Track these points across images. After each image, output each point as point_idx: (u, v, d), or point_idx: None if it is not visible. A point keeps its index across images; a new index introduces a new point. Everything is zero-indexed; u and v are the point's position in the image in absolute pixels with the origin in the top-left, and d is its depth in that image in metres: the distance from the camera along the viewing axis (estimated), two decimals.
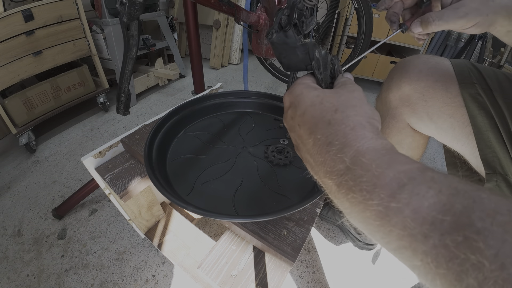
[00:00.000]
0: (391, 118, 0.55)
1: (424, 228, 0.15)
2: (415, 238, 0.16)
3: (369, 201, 0.18)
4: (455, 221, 0.15)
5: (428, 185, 0.17)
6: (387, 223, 0.17)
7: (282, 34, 0.29)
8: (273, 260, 0.44)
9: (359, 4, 1.14)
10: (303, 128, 0.24)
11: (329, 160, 0.21)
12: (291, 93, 0.27)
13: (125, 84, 0.53)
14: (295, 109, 0.26)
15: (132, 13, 0.45)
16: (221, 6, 0.70)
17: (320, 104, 0.24)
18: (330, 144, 0.21)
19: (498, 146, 0.38)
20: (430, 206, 0.16)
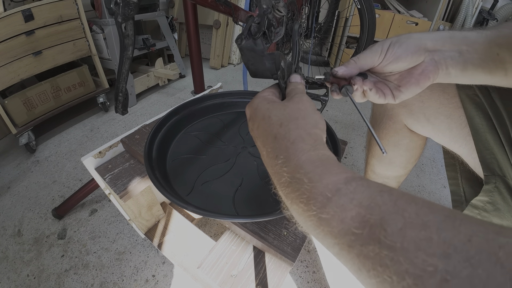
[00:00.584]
0: (387, 119, 0.55)
1: (348, 239, 0.17)
2: (342, 247, 0.17)
3: (307, 212, 0.19)
4: (371, 233, 0.16)
5: (351, 197, 0.18)
6: (321, 232, 0.18)
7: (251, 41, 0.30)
8: (273, 260, 0.44)
9: (361, 5, 1.14)
10: (258, 140, 0.26)
11: (276, 173, 0.23)
12: (250, 106, 0.29)
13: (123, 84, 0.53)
14: (253, 122, 0.28)
15: (126, 13, 0.45)
16: (219, 6, 0.70)
17: (268, 119, 0.25)
18: (277, 157, 0.23)
19: (497, 147, 0.38)
20: (353, 218, 0.17)
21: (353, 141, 1.30)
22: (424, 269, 0.13)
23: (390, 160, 0.61)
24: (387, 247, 0.14)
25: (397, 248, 0.14)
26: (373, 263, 0.15)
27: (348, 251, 0.17)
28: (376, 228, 0.15)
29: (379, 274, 0.14)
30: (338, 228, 0.17)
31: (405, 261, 0.13)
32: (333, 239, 0.18)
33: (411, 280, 0.13)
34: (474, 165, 0.42)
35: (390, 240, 0.15)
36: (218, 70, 2.12)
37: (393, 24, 1.77)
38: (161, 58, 1.75)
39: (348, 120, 1.47)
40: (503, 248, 0.12)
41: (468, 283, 0.12)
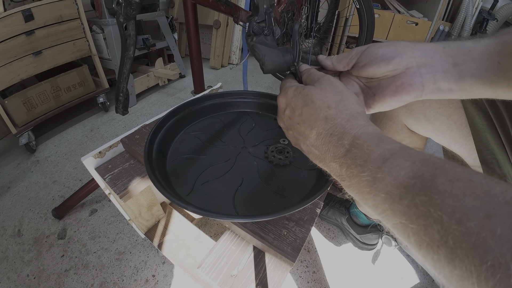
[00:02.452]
0: (388, 119, 0.55)
1: (400, 191, 0.19)
2: (394, 200, 0.19)
3: (361, 174, 0.22)
4: (423, 184, 0.18)
5: (405, 158, 0.20)
6: (374, 189, 0.21)
7: (263, 37, 0.31)
8: (273, 260, 0.44)
9: (360, 5, 1.14)
10: (304, 125, 0.28)
11: (332, 147, 0.25)
12: (286, 95, 0.30)
13: (123, 84, 0.53)
14: (292, 110, 0.29)
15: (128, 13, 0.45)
16: (219, 6, 0.70)
17: (312, 103, 0.27)
18: (332, 135, 0.25)
19: (497, 147, 0.38)
20: (406, 174, 0.19)
21: None
22: (469, 208, 0.15)
23: None
24: (437, 193, 0.17)
25: (446, 193, 0.17)
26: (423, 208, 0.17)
27: (399, 203, 0.19)
28: (428, 181, 0.18)
29: (429, 216, 0.17)
30: (391, 183, 0.19)
31: (454, 203, 0.16)
32: (385, 194, 0.20)
33: (459, 215, 0.15)
34: (474, 165, 0.42)
35: (440, 188, 0.17)
36: (218, 70, 2.12)
37: (393, 24, 1.77)
38: (161, 58, 1.75)
39: None
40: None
41: (507, 217, 0.14)
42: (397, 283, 0.75)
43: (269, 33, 0.32)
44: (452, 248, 0.15)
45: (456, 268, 0.15)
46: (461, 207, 0.16)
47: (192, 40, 0.94)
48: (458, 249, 0.15)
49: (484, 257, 0.14)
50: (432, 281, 0.75)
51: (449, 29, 1.74)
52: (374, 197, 0.21)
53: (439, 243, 0.16)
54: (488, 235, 0.14)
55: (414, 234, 0.18)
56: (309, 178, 0.48)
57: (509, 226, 0.14)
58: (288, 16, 0.83)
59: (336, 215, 0.86)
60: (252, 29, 0.32)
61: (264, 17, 0.33)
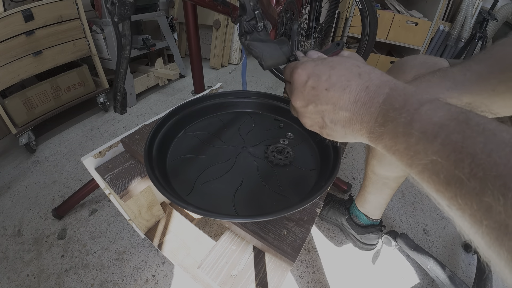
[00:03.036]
0: None
1: (436, 129, 0.20)
2: (428, 139, 0.20)
3: (399, 116, 0.23)
4: (457, 124, 0.19)
5: (442, 104, 0.22)
6: (410, 129, 0.22)
7: (256, 34, 0.31)
8: (273, 260, 0.44)
9: (363, 5, 1.13)
10: (333, 88, 0.28)
11: (369, 99, 0.26)
12: (306, 67, 0.30)
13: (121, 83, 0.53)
14: (318, 77, 0.29)
15: (122, 13, 0.45)
16: (216, 6, 0.70)
17: (341, 65, 0.28)
18: (368, 88, 0.26)
19: None
20: (442, 116, 0.20)
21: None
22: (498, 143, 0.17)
23: (390, 161, 0.61)
24: (470, 130, 0.18)
25: (479, 132, 0.18)
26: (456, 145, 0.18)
27: (432, 142, 0.20)
28: (462, 122, 0.19)
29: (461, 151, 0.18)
30: (427, 122, 0.21)
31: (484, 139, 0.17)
32: (419, 133, 0.21)
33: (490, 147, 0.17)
34: None
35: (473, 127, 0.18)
36: (218, 70, 2.12)
37: (393, 24, 1.77)
38: (161, 58, 1.75)
39: None
40: None
41: None
42: (397, 283, 0.75)
43: (261, 29, 0.32)
44: (481, 179, 0.16)
45: (485, 196, 0.16)
46: (491, 142, 0.17)
47: (192, 40, 0.94)
48: (487, 178, 0.16)
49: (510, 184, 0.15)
50: (432, 281, 0.75)
51: (449, 29, 1.74)
52: (408, 138, 0.22)
53: (469, 175, 0.17)
54: None
55: (445, 170, 0.19)
56: (309, 178, 0.48)
57: None
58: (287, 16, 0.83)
59: (336, 215, 0.86)
60: (244, 28, 0.32)
61: (253, 14, 0.33)
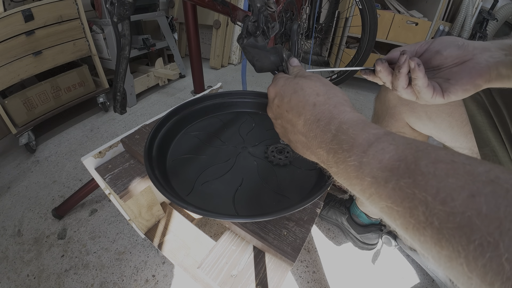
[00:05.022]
0: (390, 117, 0.55)
1: (386, 174, 0.19)
2: (380, 184, 0.19)
3: (348, 159, 0.22)
4: (407, 167, 0.18)
5: (390, 142, 0.21)
6: (361, 174, 0.21)
7: (253, 39, 0.32)
8: (273, 260, 0.44)
9: (363, 5, 1.13)
10: (292, 112, 0.28)
11: (319, 133, 0.26)
12: (276, 85, 0.31)
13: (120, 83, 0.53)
14: (282, 98, 0.30)
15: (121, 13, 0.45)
16: (216, 6, 0.69)
17: (302, 90, 0.28)
18: (319, 120, 0.26)
19: (497, 144, 0.38)
20: (390, 157, 0.19)
21: None
22: (453, 188, 0.15)
23: None
24: (421, 175, 0.17)
25: (430, 175, 0.17)
26: (408, 191, 0.17)
27: (384, 186, 0.19)
28: (411, 163, 0.18)
29: (414, 198, 0.17)
30: (376, 166, 0.20)
31: (437, 183, 0.16)
32: (371, 178, 0.20)
33: (443, 195, 0.15)
34: None
35: (424, 170, 0.17)
36: (218, 70, 2.12)
37: (393, 24, 1.76)
38: (161, 58, 1.75)
39: None
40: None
41: (492, 196, 0.14)
42: (397, 283, 0.75)
43: (259, 34, 0.32)
44: (438, 229, 0.15)
45: (444, 248, 0.15)
46: (444, 187, 0.16)
47: (192, 40, 0.94)
48: (444, 229, 0.15)
49: (471, 236, 0.14)
50: (433, 281, 0.75)
51: (449, 29, 1.74)
52: (361, 181, 0.21)
53: (425, 225, 0.16)
54: (474, 214, 0.14)
55: (400, 216, 0.18)
56: (309, 178, 0.48)
57: (495, 205, 0.14)
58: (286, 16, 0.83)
59: (336, 215, 0.86)
60: (247, 28, 0.33)
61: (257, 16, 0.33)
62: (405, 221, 0.17)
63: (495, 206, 0.14)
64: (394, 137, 0.21)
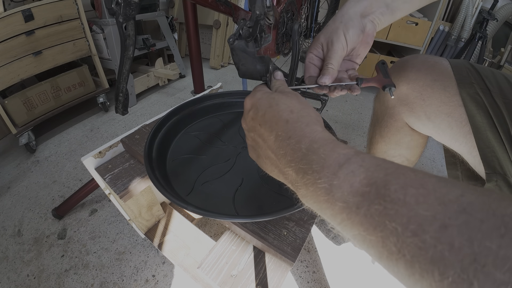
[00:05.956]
0: (389, 117, 0.55)
1: (357, 200, 0.18)
2: (351, 210, 0.18)
3: (318, 180, 0.21)
4: (377, 192, 0.17)
5: (360, 164, 0.20)
6: (332, 198, 0.20)
7: (244, 43, 0.31)
8: (273, 260, 0.44)
9: None
10: (264, 126, 0.28)
11: (289, 150, 0.25)
12: (253, 97, 0.31)
13: (123, 84, 0.53)
14: (256, 111, 0.29)
15: (127, 13, 0.45)
16: (219, 6, 0.69)
17: (277, 106, 0.28)
18: (290, 138, 0.25)
19: (497, 145, 0.38)
20: (361, 181, 0.19)
21: (353, 141, 1.30)
22: (424, 218, 0.14)
23: (391, 158, 0.61)
24: (391, 202, 0.16)
25: (400, 202, 0.16)
26: (379, 218, 0.16)
27: (356, 212, 0.18)
28: (381, 188, 0.17)
29: (385, 228, 0.16)
30: (347, 190, 0.19)
31: (407, 213, 0.15)
32: (342, 202, 0.19)
33: (414, 226, 0.15)
34: (474, 163, 0.42)
35: (393, 196, 0.16)
36: (218, 70, 2.12)
37: (393, 24, 1.76)
38: (161, 58, 1.75)
39: (348, 120, 1.47)
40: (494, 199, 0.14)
41: (465, 227, 0.13)
42: (397, 283, 0.75)
43: (250, 40, 0.32)
44: (410, 262, 0.14)
45: (418, 282, 0.14)
46: (415, 217, 0.15)
47: (192, 40, 0.94)
48: (416, 263, 0.14)
49: (444, 272, 0.13)
50: None
51: (449, 29, 1.74)
52: (332, 206, 0.20)
53: (397, 256, 0.15)
54: (446, 248, 0.13)
55: (373, 246, 0.17)
56: None
57: (468, 238, 0.13)
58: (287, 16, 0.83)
59: None
60: (241, 31, 0.32)
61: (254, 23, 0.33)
62: (378, 251, 0.17)
63: (468, 239, 0.13)
64: (364, 158, 0.20)
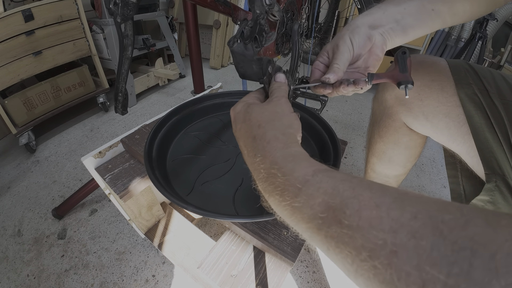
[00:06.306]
0: (387, 117, 0.55)
1: (316, 223, 0.19)
2: (313, 231, 0.19)
3: (282, 203, 0.22)
4: (334, 215, 0.18)
5: (317, 186, 0.20)
6: (295, 218, 0.21)
7: (243, 45, 0.31)
8: (273, 260, 0.44)
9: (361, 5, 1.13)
10: (241, 141, 0.29)
11: (255, 170, 0.25)
12: (234, 109, 0.31)
13: (122, 84, 0.53)
14: (235, 124, 0.30)
15: (125, 13, 0.45)
16: (218, 6, 0.69)
17: (249, 121, 0.28)
18: (255, 156, 0.25)
19: (495, 146, 0.38)
20: (319, 204, 0.19)
21: (353, 141, 1.30)
22: (376, 243, 0.15)
23: (390, 158, 0.61)
24: (346, 227, 0.17)
25: (354, 226, 0.16)
26: (336, 241, 0.17)
27: (317, 233, 0.19)
28: (338, 211, 0.18)
29: (342, 250, 0.17)
30: (308, 214, 0.19)
31: (360, 238, 0.16)
32: (305, 224, 0.20)
33: (366, 253, 0.15)
34: (473, 163, 0.42)
35: (348, 220, 0.17)
36: (218, 70, 2.12)
37: None
38: (161, 58, 1.75)
39: (348, 120, 1.47)
40: (446, 223, 0.13)
41: (414, 253, 0.13)
42: None
43: (249, 42, 0.32)
44: (366, 282, 0.15)
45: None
46: (368, 242, 0.15)
47: (192, 40, 0.94)
48: (371, 282, 0.15)
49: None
50: None
51: (449, 29, 1.74)
52: (297, 225, 0.21)
53: (355, 275, 0.16)
54: (395, 274, 0.13)
55: (335, 261, 0.18)
56: None
57: (416, 266, 0.13)
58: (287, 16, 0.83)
59: None
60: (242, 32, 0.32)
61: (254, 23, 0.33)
62: (340, 267, 0.18)
63: (417, 267, 0.13)
64: (321, 180, 0.20)
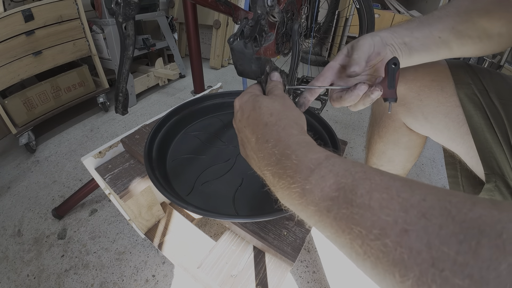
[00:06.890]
0: (387, 118, 0.55)
1: (327, 204, 0.19)
2: (322, 213, 0.19)
3: (292, 185, 0.22)
4: (345, 196, 0.18)
5: (329, 169, 0.20)
6: (305, 201, 0.21)
7: (242, 44, 0.32)
8: (273, 260, 0.44)
9: (360, 4, 1.14)
10: (248, 128, 0.29)
11: (266, 154, 0.26)
12: (241, 98, 0.32)
13: (123, 84, 0.53)
14: (243, 113, 0.31)
15: (127, 13, 0.45)
16: (219, 6, 0.69)
17: (259, 109, 0.29)
18: (267, 141, 0.26)
19: (495, 146, 0.38)
20: (331, 186, 0.19)
21: (353, 141, 1.30)
22: (387, 221, 0.15)
23: (390, 158, 0.61)
24: (357, 206, 0.17)
25: (365, 206, 0.17)
26: (346, 222, 0.17)
27: (327, 215, 0.19)
28: (349, 192, 0.18)
29: (352, 230, 0.17)
30: (318, 195, 0.20)
31: (371, 217, 0.16)
32: (314, 206, 0.20)
33: (376, 230, 0.15)
34: (472, 164, 0.42)
35: (359, 200, 0.17)
36: (218, 70, 2.12)
37: (393, 24, 1.77)
38: (161, 58, 1.75)
39: (348, 120, 1.47)
40: (454, 205, 0.14)
41: (424, 232, 0.14)
42: None
43: (249, 41, 0.32)
44: (374, 264, 0.15)
45: (382, 281, 0.15)
46: (378, 221, 0.16)
47: (192, 40, 0.94)
48: (379, 264, 0.15)
49: (404, 274, 0.14)
50: None
51: None
52: (305, 209, 0.21)
53: (364, 257, 0.16)
54: (405, 252, 0.14)
55: (343, 246, 0.18)
56: None
57: (426, 243, 0.13)
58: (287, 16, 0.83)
59: None
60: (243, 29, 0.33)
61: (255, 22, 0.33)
62: (348, 251, 0.18)
63: (427, 244, 0.13)
64: (334, 163, 0.21)
